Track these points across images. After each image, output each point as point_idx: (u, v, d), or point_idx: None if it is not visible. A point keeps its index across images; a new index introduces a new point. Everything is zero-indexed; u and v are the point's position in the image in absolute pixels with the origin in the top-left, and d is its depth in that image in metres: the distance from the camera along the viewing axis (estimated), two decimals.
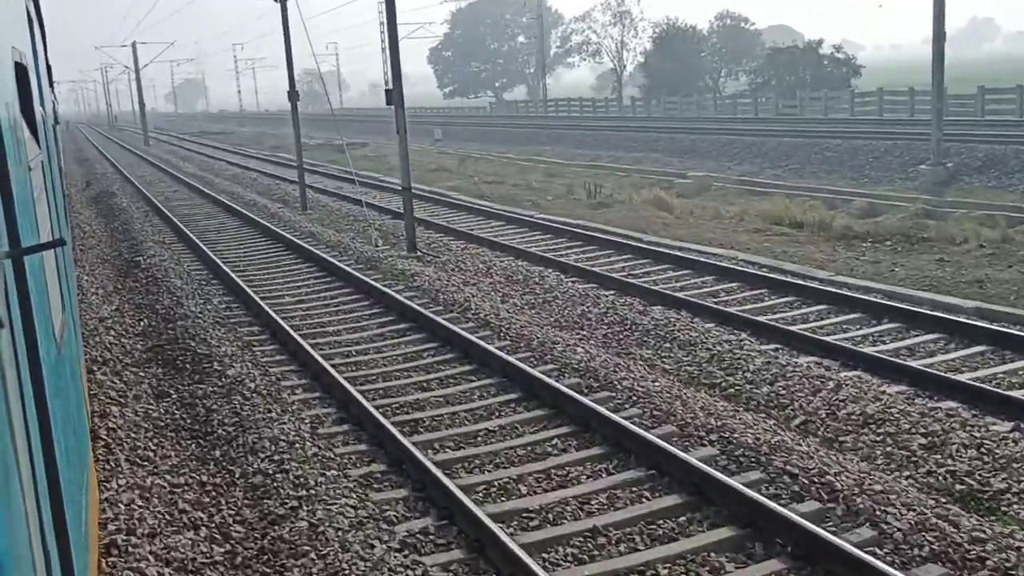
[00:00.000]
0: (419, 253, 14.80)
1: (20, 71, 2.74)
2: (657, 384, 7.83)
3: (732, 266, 12.79)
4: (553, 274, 12.86)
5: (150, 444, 7.20)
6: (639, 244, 15.17)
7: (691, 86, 54.55)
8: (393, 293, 11.82)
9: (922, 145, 24.83)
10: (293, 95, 20.94)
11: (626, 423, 6.69)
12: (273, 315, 10.90)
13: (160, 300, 12.16)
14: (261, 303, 11.57)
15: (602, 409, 6.97)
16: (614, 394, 7.67)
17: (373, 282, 12.56)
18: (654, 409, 7.23)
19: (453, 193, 23.66)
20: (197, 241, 17.00)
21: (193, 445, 7.27)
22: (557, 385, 7.64)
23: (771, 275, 12.06)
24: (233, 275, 13.53)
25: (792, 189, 25.64)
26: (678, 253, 14.08)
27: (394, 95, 14.47)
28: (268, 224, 19.10)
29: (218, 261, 14.75)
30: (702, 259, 13.46)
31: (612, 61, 69.56)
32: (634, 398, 7.51)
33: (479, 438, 7.16)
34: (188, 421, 7.81)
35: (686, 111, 50.95)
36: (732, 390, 8.01)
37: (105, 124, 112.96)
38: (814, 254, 14.07)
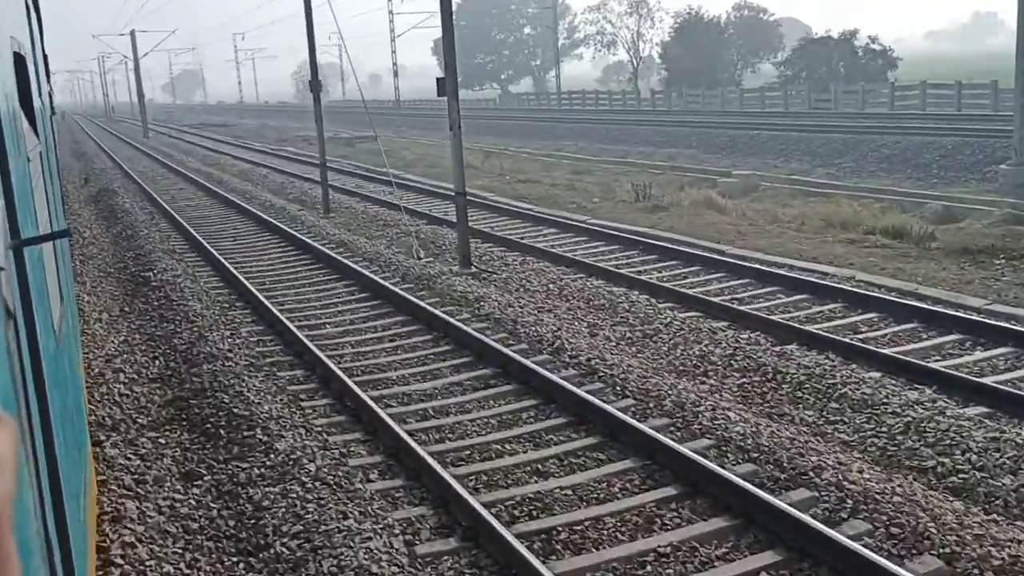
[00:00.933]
0: (474, 269, 12.74)
1: (18, 62, 2.84)
2: (866, 475, 5.79)
3: (855, 289, 10.75)
4: (642, 298, 10.83)
5: (182, 567, 5.16)
6: (725, 258, 13.13)
7: (713, 79, 52.42)
8: (460, 324, 9.78)
9: (997, 142, 22.80)
10: (316, 85, 18.85)
11: (877, 558, 4.63)
12: (319, 353, 8.86)
13: (178, 330, 10.10)
14: (301, 336, 9.53)
15: (834, 534, 4.89)
16: (817, 494, 5.62)
17: (431, 308, 10.52)
18: (890, 523, 5.18)
19: (488, 194, 21.59)
20: (212, 251, 14.94)
21: (244, 569, 5.22)
22: (742, 484, 5.57)
23: (912, 303, 10.02)
24: (260, 296, 11.48)
25: (851, 190, 23.61)
26: (779, 271, 12.05)
27: (447, 85, 12.39)
28: (289, 229, 17.02)
29: (240, 277, 12.69)
30: (813, 279, 11.41)
31: (628, 52, 67.33)
32: (850, 501, 5.46)
33: (649, 567, 5.10)
34: (232, 525, 5.75)
35: (709, 104, 48.85)
36: (958, 481, 5.97)
37: (102, 115, 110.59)
38: (938, 273, 12.02)
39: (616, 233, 15.44)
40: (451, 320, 9.93)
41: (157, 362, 9.15)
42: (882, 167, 25.19)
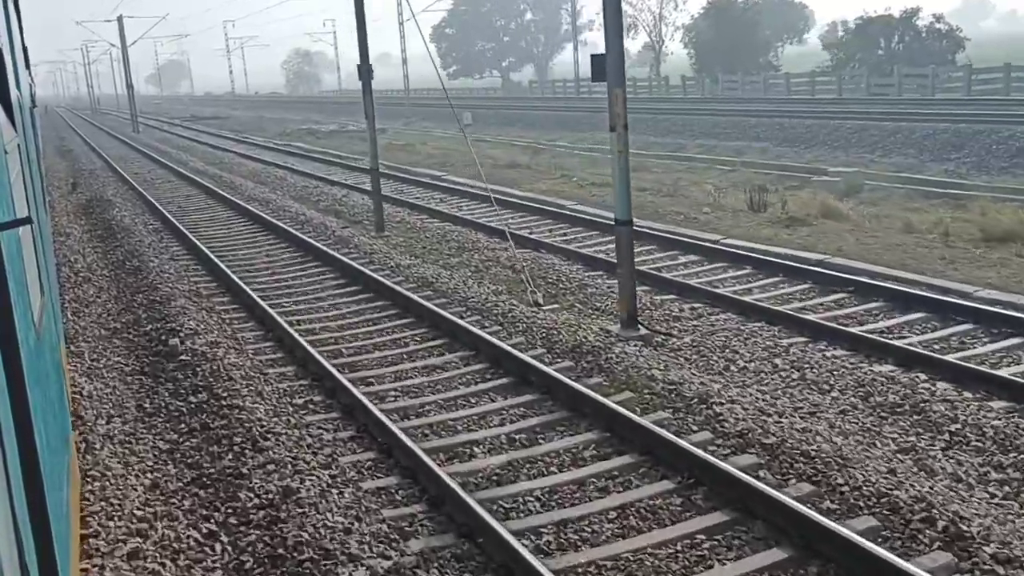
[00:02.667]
0: (643, 331, 8.89)
1: None
2: None
3: None
4: (951, 393, 7.09)
5: None
6: (968, 303, 9.40)
7: (750, 63, 48.59)
8: (698, 449, 6.00)
9: None
10: (365, 72, 14.92)
11: None
12: (492, 522, 5.09)
13: (241, 459, 6.27)
14: (444, 477, 5.74)
15: None
16: None
17: (623, 409, 6.72)
18: None
19: (575, 204, 17.74)
20: (253, 295, 11.06)
21: None
22: None
23: None
24: (352, 387, 7.60)
25: (985, 190, 19.91)
26: None
27: (609, 68, 8.52)
28: (344, 258, 13.13)
29: (307, 347, 8.82)
30: None
31: (649, 36, 63.38)
32: None
33: None
34: None
35: (751, 91, 45.09)
36: None
37: (87, 107, 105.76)
38: None
39: (777, 260, 11.67)
40: (671, 438, 6.14)
41: (219, 544, 5.29)
42: (1016, 162, 21.48)
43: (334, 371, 8.02)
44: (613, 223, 9.35)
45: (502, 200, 18.31)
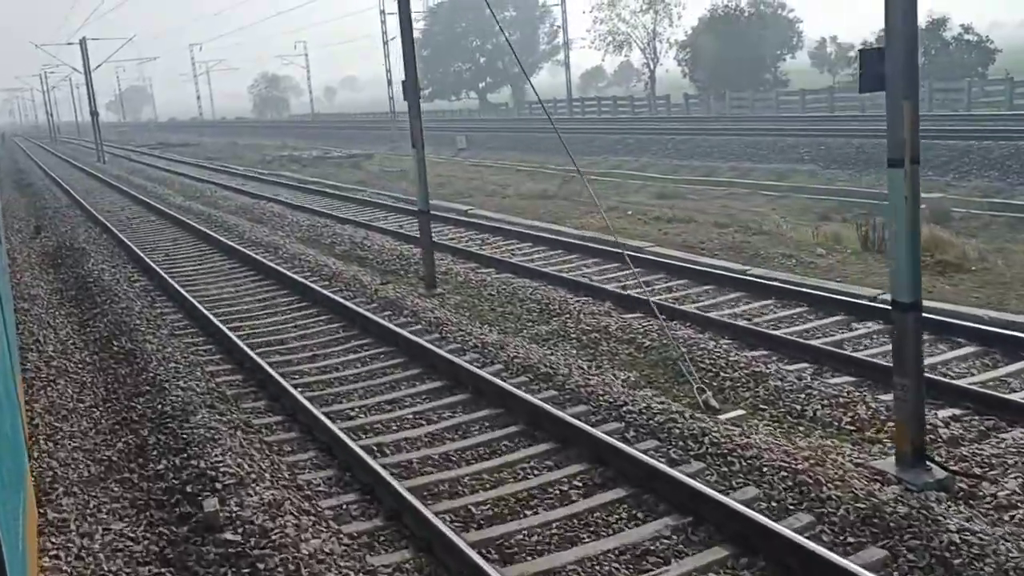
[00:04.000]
0: (936, 470, 5.82)
1: None
2: None
3: None
4: None
5: None
6: None
7: (755, 79, 46.14)
8: None
9: None
10: (413, 90, 11.76)
11: None
12: None
13: None
14: None
15: None
16: None
17: None
18: None
19: (653, 246, 14.71)
20: (304, 402, 7.84)
21: None
22: None
23: None
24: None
25: None
26: None
27: (894, 76, 5.52)
28: (403, 331, 9.94)
29: (422, 509, 5.67)
30: None
31: (643, 54, 60.89)
32: None
33: None
34: None
35: (763, 109, 42.61)
36: None
37: (45, 136, 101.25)
38: None
39: (1013, 333, 8.71)
40: None
41: None
42: None
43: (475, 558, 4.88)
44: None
45: (561, 242, 15.27)
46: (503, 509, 5.96)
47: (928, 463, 5.80)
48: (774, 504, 5.61)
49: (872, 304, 9.97)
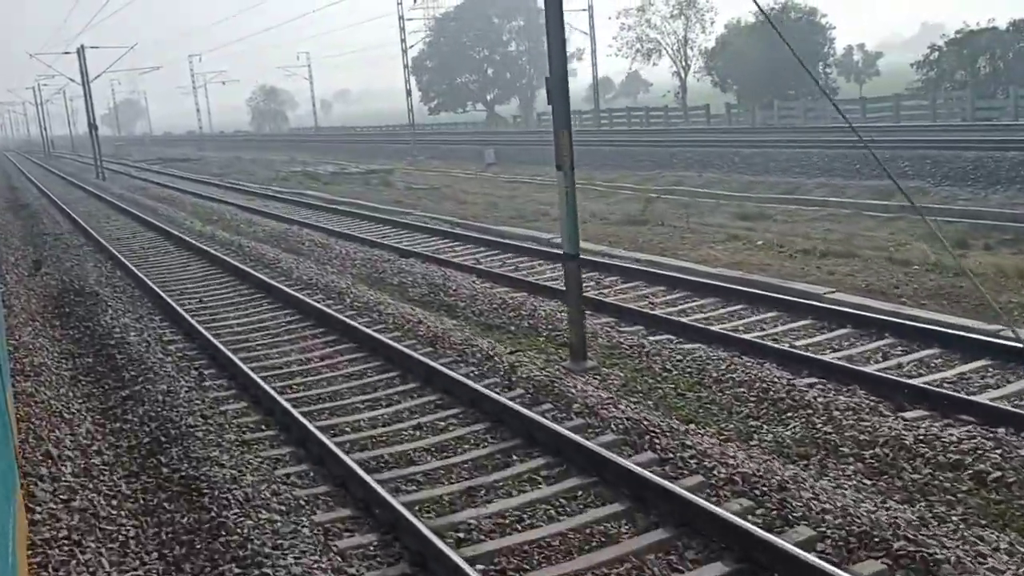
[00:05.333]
0: None
1: None
2: None
3: None
4: None
5: None
6: None
7: (800, 87, 43.10)
8: None
9: None
10: (560, 93, 8.55)
11: None
12: None
13: None
14: None
15: None
16: None
17: None
18: None
19: (834, 291, 11.48)
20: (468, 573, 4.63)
21: None
22: None
23: None
24: None
25: None
26: None
27: None
28: (588, 442, 6.68)
29: None
30: None
31: (674, 62, 57.78)
32: None
33: None
34: None
35: (813, 119, 39.57)
36: None
37: (39, 151, 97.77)
38: None
39: None
40: None
41: None
42: None
43: None
44: None
45: (706, 285, 12.05)
46: None
47: None
48: None
49: None
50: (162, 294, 13.58)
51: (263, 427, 7.95)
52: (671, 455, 6.58)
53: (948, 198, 21.68)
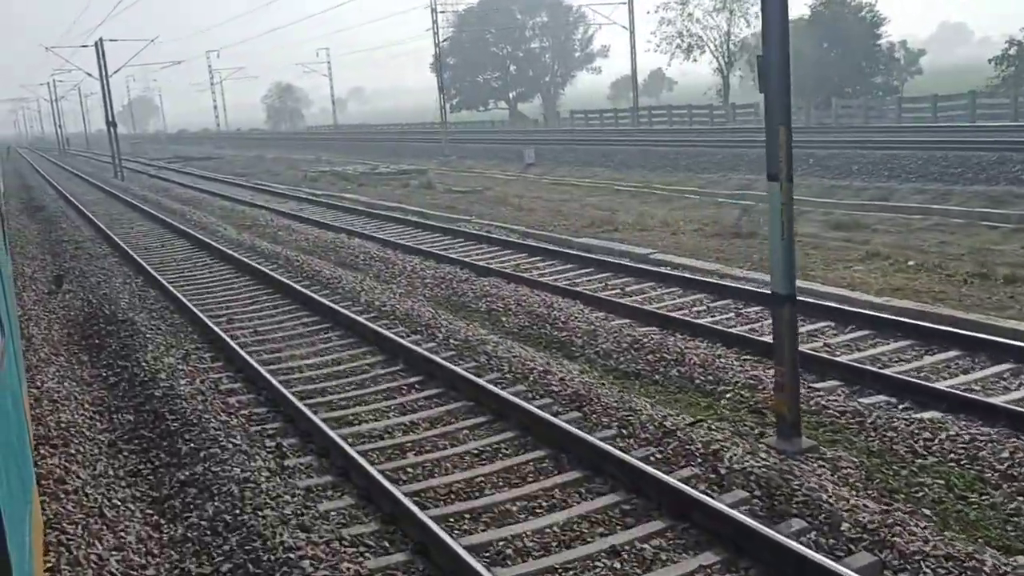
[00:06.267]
0: None
1: None
2: None
3: None
4: None
5: None
6: None
7: (866, 85, 40.62)
8: None
9: None
10: (781, 82, 6.34)
11: None
12: None
13: None
14: None
15: None
16: None
17: None
18: None
19: None
20: None
21: None
22: None
23: None
24: None
25: None
26: None
27: None
28: None
29: None
30: None
31: (716, 59, 55.28)
32: None
33: None
34: None
35: (876, 118, 37.13)
36: None
37: (53, 148, 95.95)
38: None
39: None
40: None
41: None
42: None
43: None
44: None
45: (891, 323, 9.72)
46: None
47: None
48: None
49: None
50: (208, 322, 11.34)
51: (385, 543, 5.66)
52: None
53: None
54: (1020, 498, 5.72)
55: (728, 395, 7.94)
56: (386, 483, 6.18)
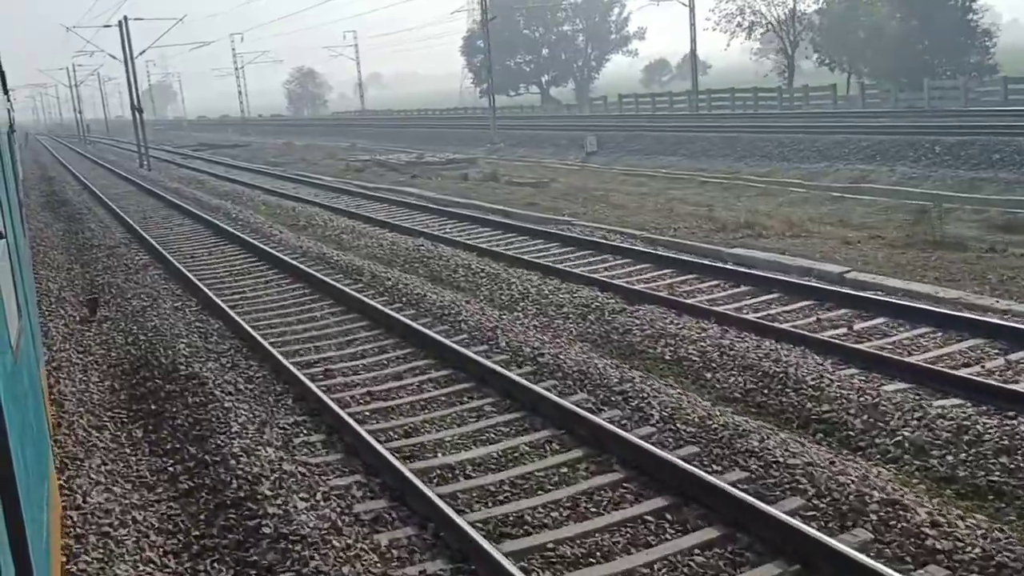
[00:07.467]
0: None
1: None
2: None
3: None
4: None
5: None
6: None
7: (958, 65, 37.15)
8: None
9: None
10: None
11: None
12: None
13: None
14: None
15: None
16: None
17: None
18: None
19: None
20: None
21: None
22: None
23: None
24: None
25: None
26: None
27: None
28: None
29: None
30: None
31: (781, 39, 51.64)
32: None
33: None
34: None
35: (975, 101, 33.66)
36: None
37: (72, 135, 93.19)
38: None
39: None
40: None
41: None
42: None
43: None
44: None
45: None
46: None
47: None
48: None
49: None
50: (305, 380, 8.26)
51: None
52: None
53: None
54: None
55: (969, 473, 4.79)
56: None
